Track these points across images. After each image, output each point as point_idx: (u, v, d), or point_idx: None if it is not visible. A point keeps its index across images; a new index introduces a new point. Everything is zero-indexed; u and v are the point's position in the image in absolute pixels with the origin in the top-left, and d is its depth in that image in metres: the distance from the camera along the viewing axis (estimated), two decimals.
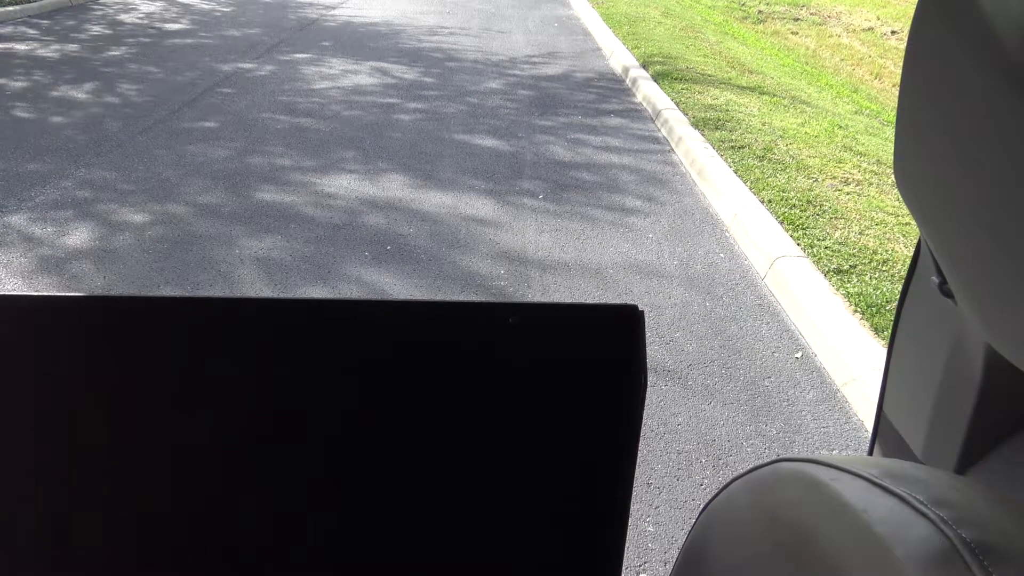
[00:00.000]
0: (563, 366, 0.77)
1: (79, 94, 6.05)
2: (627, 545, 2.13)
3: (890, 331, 0.75)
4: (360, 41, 8.67)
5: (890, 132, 6.29)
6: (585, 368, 0.77)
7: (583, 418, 0.79)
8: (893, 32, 11.33)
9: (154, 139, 5.12)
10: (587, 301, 3.35)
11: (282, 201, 4.25)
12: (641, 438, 2.51)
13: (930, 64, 0.47)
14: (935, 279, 0.61)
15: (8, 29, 8.41)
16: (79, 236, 3.72)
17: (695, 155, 5.10)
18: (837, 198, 4.38)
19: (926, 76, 0.47)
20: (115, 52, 7.57)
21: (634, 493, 2.31)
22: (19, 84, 6.27)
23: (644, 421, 2.63)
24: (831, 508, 0.39)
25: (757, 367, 2.98)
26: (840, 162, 4.96)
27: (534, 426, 0.79)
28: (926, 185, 0.50)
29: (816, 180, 4.63)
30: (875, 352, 2.92)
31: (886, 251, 3.76)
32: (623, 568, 2.06)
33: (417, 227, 4.00)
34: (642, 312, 0.77)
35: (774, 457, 0.47)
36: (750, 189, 4.49)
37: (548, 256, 3.77)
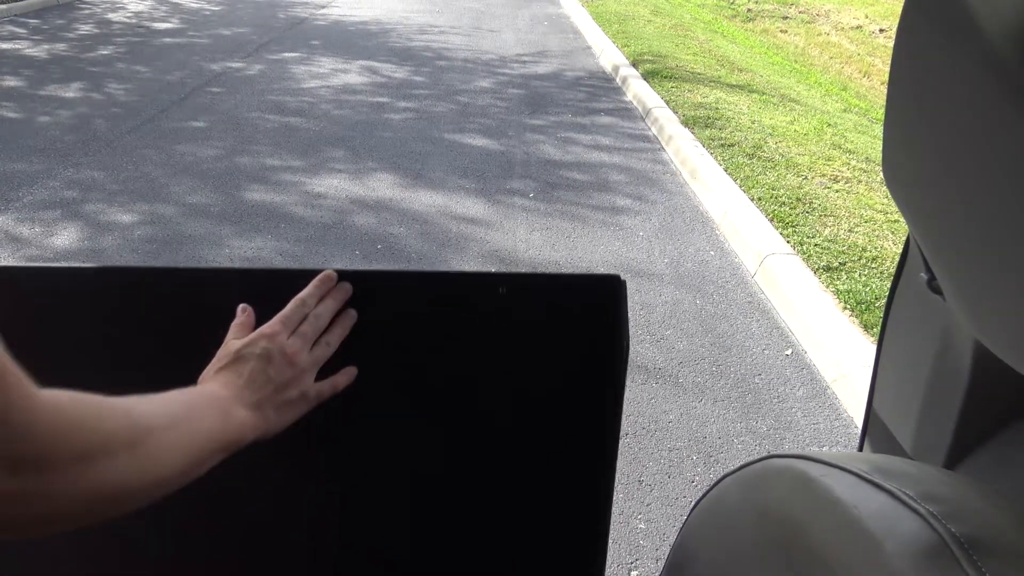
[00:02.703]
0: (551, 331, 0.82)
1: (67, 93, 6.01)
2: (619, 542, 2.13)
3: (879, 328, 0.76)
4: (350, 40, 8.65)
5: (879, 130, 6.31)
6: (571, 332, 0.82)
7: (570, 379, 0.83)
8: (881, 30, 11.37)
9: (142, 139, 5.10)
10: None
11: (272, 201, 4.24)
12: (632, 435, 2.52)
13: (917, 62, 0.47)
14: (924, 275, 0.61)
15: None
16: (66, 236, 3.70)
17: (685, 153, 5.10)
18: (826, 196, 4.39)
19: (913, 74, 0.48)
20: (104, 51, 7.53)
21: (625, 491, 2.32)
22: (7, 83, 6.23)
23: (635, 418, 2.63)
24: (821, 504, 0.39)
25: (747, 364, 2.99)
26: (829, 160, 4.98)
27: (525, 387, 0.84)
28: (914, 182, 0.51)
29: (805, 178, 4.64)
30: (865, 349, 2.93)
31: (875, 248, 3.77)
32: (613, 564, 2.07)
33: (407, 226, 3.99)
34: (624, 281, 0.81)
35: (765, 454, 0.47)
36: (740, 187, 4.50)
37: (539, 255, 3.77)
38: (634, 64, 7.62)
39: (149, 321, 0.82)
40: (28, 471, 0.45)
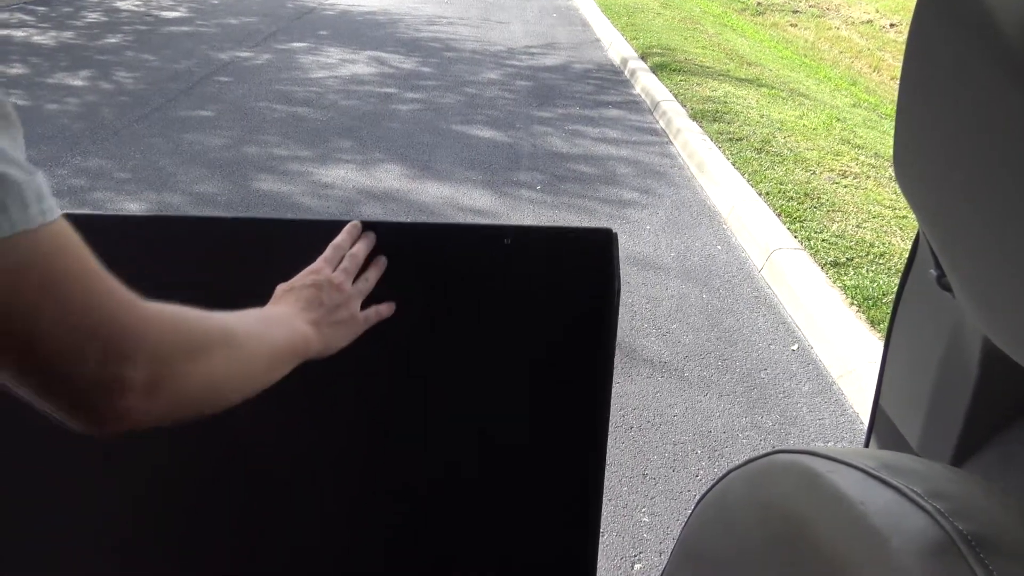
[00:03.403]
0: (548, 278, 0.92)
1: (75, 81, 6.02)
2: (622, 535, 2.13)
3: (887, 324, 0.76)
4: (358, 30, 8.64)
5: (888, 125, 6.29)
6: (567, 279, 0.92)
7: (566, 322, 0.93)
8: (892, 25, 11.30)
9: (150, 127, 5.10)
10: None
11: (279, 191, 4.24)
12: (637, 429, 2.53)
13: (930, 57, 0.46)
14: (933, 272, 0.61)
15: (4, 15, 8.37)
16: None
17: (693, 147, 5.09)
18: (835, 191, 4.38)
19: (926, 69, 0.47)
20: (112, 39, 7.54)
21: (629, 484, 2.32)
22: (15, 71, 6.24)
23: (640, 411, 2.63)
24: (828, 500, 0.39)
25: (753, 359, 2.98)
26: (838, 155, 4.96)
27: (524, 327, 0.93)
28: (925, 178, 0.50)
29: (814, 173, 4.63)
30: (871, 345, 2.92)
31: (883, 244, 3.76)
32: (616, 558, 2.07)
33: (415, 218, 3.99)
34: (616, 234, 0.90)
35: (770, 449, 0.47)
36: (748, 181, 4.48)
37: None
38: (643, 57, 7.60)
39: (189, 267, 0.88)
40: (142, 367, 0.52)
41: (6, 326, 0.47)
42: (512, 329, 0.93)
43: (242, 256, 0.89)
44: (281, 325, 0.74)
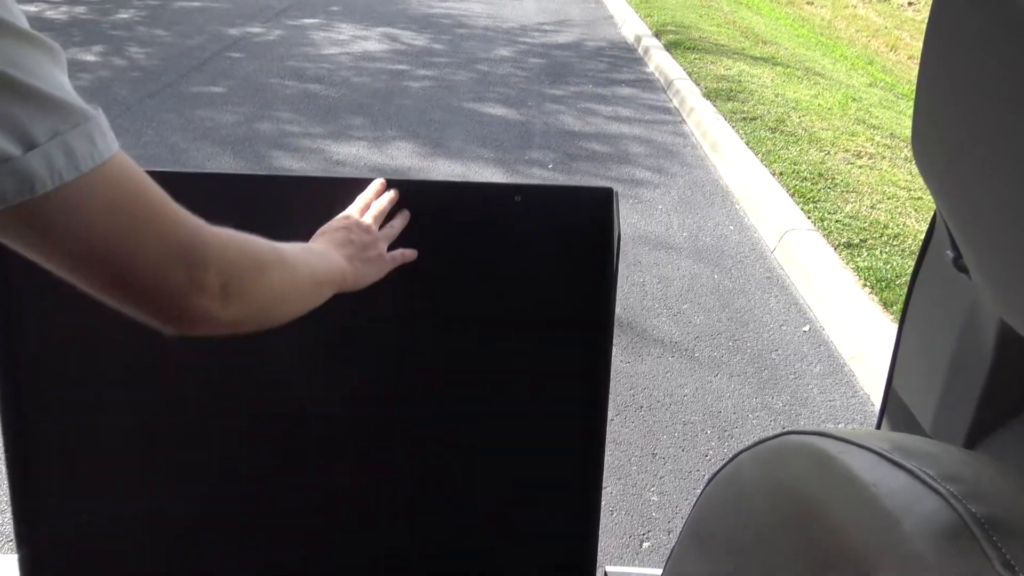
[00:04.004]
0: (556, 230, 1.01)
1: (87, 57, 6.02)
2: (631, 514, 2.14)
3: (900, 305, 0.75)
4: (369, 6, 8.59)
5: (905, 105, 6.22)
6: (573, 231, 1.01)
7: (568, 274, 1.02)
8: (910, 3, 11.15)
9: (163, 103, 5.10)
10: None
11: (291, 167, 4.24)
12: (647, 408, 2.53)
13: (953, 33, 0.46)
14: (950, 253, 0.60)
15: None
16: None
17: (707, 126, 5.05)
18: (849, 171, 4.34)
19: (948, 45, 0.46)
20: (123, 15, 7.53)
21: (639, 463, 2.32)
22: None
23: (650, 391, 2.63)
24: (839, 482, 0.39)
25: (765, 340, 2.98)
26: (853, 135, 4.92)
27: (534, 277, 1.02)
28: (944, 157, 0.50)
29: (828, 153, 4.59)
30: (884, 327, 2.91)
31: (897, 225, 3.73)
32: (625, 536, 2.08)
33: None
34: (616, 192, 1.00)
35: (780, 430, 0.47)
36: (761, 161, 4.45)
37: None
38: (656, 35, 7.53)
39: (222, 222, 0.95)
40: (215, 275, 0.60)
41: (104, 247, 0.53)
42: (522, 277, 1.02)
43: (275, 210, 0.96)
44: (321, 257, 0.82)
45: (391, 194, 0.97)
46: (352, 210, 0.94)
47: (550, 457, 1.08)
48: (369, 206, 0.94)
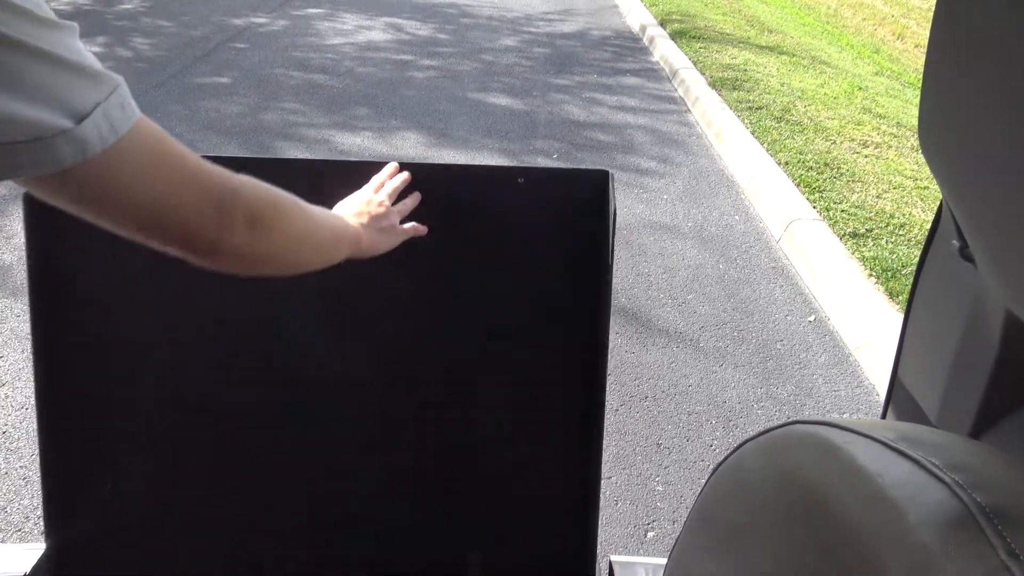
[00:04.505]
0: (557, 210, 1.08)
1: (92, 47, 6.00)
2: (636, 504, 2.15)
3: (906, 295, 0.75)
4: None
5: (911, 94, 6.19)
6: (572, 211, 1.08)
7: (566, 253, 1.09)
8: None
9: (167, 94, 5.10)
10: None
11: (296, 158, 4.23)
12: (651, 399, 2.53)
13: (960, 20, 0.45)
14: (956, 242, 0.60)
15: None
16: None
17: (712, 116, 5.03)
18: (855, 161, 4.32)
19: (954, 35, 0.46)
20: (127, 5, 7.51)
21: (643, 453, 2.33)
22: None
23: (654, 381, 2.63)
24: (845, 471, 0.39)
25: (770, 330, 2.97)
26: (859, 124, 4.89)
27: (535, 253, 1.09)
28: (951, 146, 0.49)
29: (834, 142, 4.57)
30: (889, 316, 2.90)
31: (903, 215, 3.72)
32: (630, 526, 2.08)
33: None
34: (612, 174, 1.08)
35: (786, 420, 0.47)
36: (767, 151, 4.44)
37: None
38: (662, 24, 7.49)
39: None
40: (242, 216, 0.67)
41: (144, 197, 0.61)
42: (523, 255, 1.09)
43: (293, 193, 1.03)
44: (339, 218, 0.90)
45: (404, 175, 1.04)
46: (367, 188, 1.01)
47: (550, 432, 1.13)
48: (383, 185, 1.02)
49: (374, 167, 1.04)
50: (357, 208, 0.96)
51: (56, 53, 0.53)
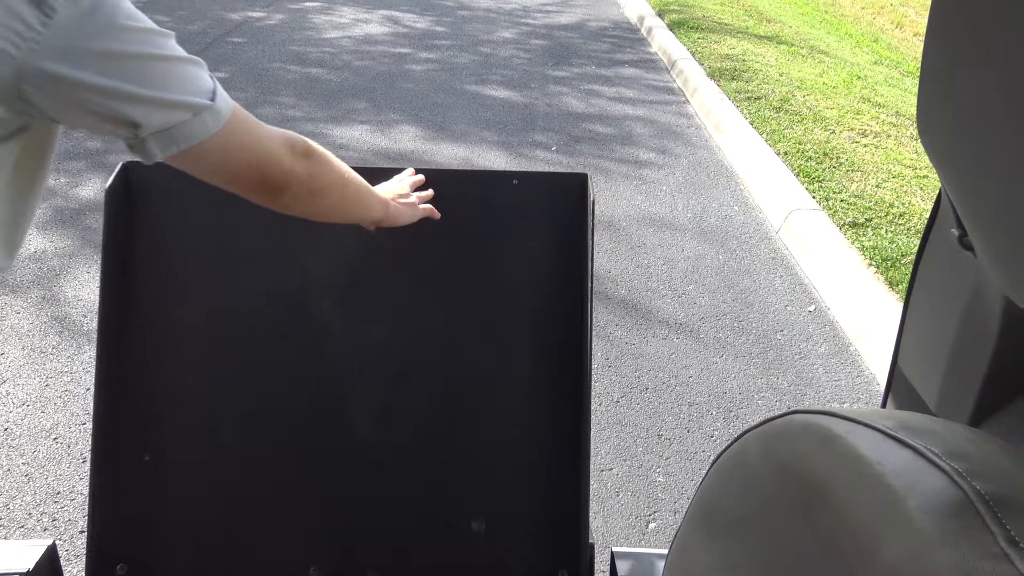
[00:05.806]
0: (543, 211, 1.22)
1: None
2: (637, 495, 2.15)
3: (906, 284, 0.75)
4: None
5: (910, 83, 6.18)
6: (553, 212, 1.22)
7: (548, 254, 1.22)
8: None
9: None
10: (600, 261, 3.34)
11: None
12: (652, 390, 2.54)
13: (957, 10, 0.45)
14: (955, 231, 0.60)
15: None
16: (92, 187, 3.73)
17: (710, 106, 5.03)
18: (854, 150, 4.32)
19: (953, 22, 0.46)
20: None
21: (644, 444, 2.33)
22: None
23: (655, 373, 2.64)
24: (845, 460, 0.39)
25: (770, 320, 2.97)
26: (858, 114, 4.89)
27: (523, 250, 1.22)
28: (950, 134, 0.49)
29: (833, 132, 4.56)
30: (889, 306, 2.90)
31: (903, 204, 3.72)
32: (632, 517, 2.09)
33: None
34: (588, 175, 1.21)
35: (786, 410, 0.47)
36: (766, 141, 4.43)
37: None
38: (660, 14, 7.48)
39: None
40: (301, 164, 0.88)
41: (255, 145, 0.83)
42: (512, 252, 1.22)
43: None
44: (369, 188, 1.06)
45: (420, 177, 1.22)
46: (391, 180, 1.20)
47: (541, 411, 1.23)
48: (403, 179, 1.21)
49: (391, 172, 1.20)
50: (382, 187, 1.15)
51: (177, 54, 0.72)
